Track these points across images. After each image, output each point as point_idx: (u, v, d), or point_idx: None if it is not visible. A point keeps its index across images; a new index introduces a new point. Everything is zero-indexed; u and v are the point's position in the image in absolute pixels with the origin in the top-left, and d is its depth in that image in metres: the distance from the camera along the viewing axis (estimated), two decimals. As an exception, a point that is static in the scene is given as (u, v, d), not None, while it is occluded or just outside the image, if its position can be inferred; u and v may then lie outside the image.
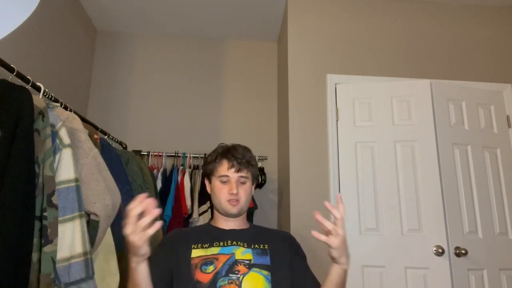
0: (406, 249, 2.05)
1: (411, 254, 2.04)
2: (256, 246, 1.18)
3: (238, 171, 1.21)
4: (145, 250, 0.92)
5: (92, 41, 3.00)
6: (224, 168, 1.22)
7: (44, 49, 2.24)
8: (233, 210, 1.20)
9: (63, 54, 2.49)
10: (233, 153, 1.23)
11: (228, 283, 1.07)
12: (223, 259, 1.12)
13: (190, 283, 1.08)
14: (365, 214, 2.14)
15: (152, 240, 0.96)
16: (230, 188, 1.19)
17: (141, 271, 0.98)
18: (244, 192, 1.22)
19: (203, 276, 1.08)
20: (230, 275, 1.08)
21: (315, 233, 0.97)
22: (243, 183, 1.22)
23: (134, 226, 0.88)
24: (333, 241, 0.96)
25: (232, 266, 1.11)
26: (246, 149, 1.27)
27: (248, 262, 1.12)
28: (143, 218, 0.88)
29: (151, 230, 0.88)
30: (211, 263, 1.11)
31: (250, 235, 1.22)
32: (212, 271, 1.09)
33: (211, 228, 1.25)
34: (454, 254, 2.02)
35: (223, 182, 1.21)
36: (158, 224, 0.89)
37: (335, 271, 1.04)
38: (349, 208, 2.17)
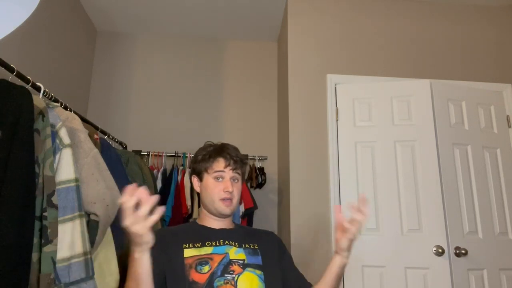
0: (406, 249, 2.05)
1: (411, 254, 2.04)
2: (247, 245, 1.19)
3: (234, 169, 1.21)
4: (148, 237, 0.91)
5: (92, 41, 3.00)
6: (221, 165, 1.21)
7: (44, 49, 2.24)
8: (226, 210, 1.19)
9: (63, 54, 2.49)
10: (227, 151, 1.23)
11: (224, 283, 1.07)
12: (217, 259, 1.12)
13: (186, 283, 1.06)
14: (365, 214, 2.13)
15: (153, 227, 0.96)
16: (225, 186, 1.18)
17: (144, 262, 0.96)
18: (237, 191, 1.22)
19: (199, 276, 1.08)
20: (226, 275, 1.09)
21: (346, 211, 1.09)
22: (236, 181, 1.23)
23: (133, 217, 0.87)
24: (353, 230, 1.08)
25: (227, 266, 1.11)
26: (236, 148, 1.28)
27: (242, 262, 1.13)
28: (142, 208, 0.87)
29: (154, 217, 0.88)
30: (206, 263, 1.11)
31: (240, 235, 1.22)
32: (208, 271, 1.09)
33: (199, 227, 1.23)
34: (454, 254, 2.02)
35: (217, 180, 1.20)
36: (160, 210, 0.89)
37: (338, 262, 1.13)
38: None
